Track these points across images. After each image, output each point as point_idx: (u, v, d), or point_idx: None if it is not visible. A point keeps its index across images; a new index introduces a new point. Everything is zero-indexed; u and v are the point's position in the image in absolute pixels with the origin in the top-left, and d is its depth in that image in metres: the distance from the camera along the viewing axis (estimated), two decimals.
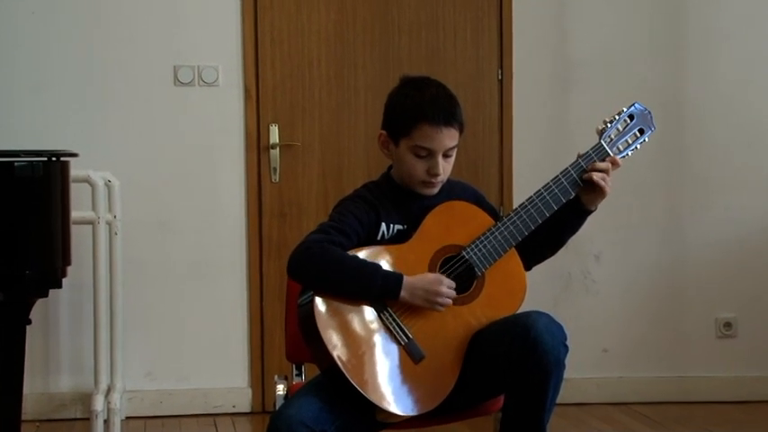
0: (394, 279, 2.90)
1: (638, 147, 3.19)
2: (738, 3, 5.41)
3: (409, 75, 3.16)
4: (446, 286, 2.94)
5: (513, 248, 3.05)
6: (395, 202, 3.08)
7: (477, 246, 3.01)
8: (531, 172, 5.12)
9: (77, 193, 4.48)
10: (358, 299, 2.90)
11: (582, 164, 3.09)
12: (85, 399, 4.97)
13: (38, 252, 3.82)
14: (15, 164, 3.79)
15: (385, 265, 2.94)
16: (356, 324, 2.89)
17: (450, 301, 2.94)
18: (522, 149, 5.33)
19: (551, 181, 3.08)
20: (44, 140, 4.63)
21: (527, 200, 3.07)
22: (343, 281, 2.88)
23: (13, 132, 4.93)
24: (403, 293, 2.90)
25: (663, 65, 5.38)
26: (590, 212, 3.13)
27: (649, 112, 3.21)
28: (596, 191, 3.08)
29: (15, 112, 5.04)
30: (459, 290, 2.98)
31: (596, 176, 3.06)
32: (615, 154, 3.12)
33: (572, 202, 3.10)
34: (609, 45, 5.36)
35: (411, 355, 2.90)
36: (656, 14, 5.39)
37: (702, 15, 5.39)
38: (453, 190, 3.15)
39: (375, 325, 2.90)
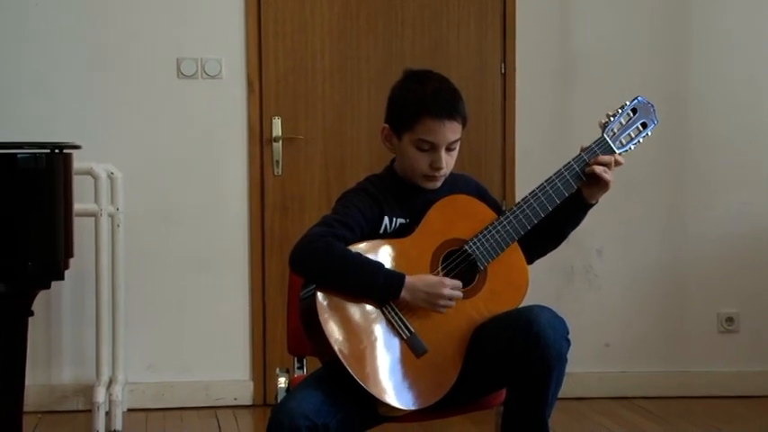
0: (396, 279, 2.90)
1: (641, 141, 3.18)
2: None
3: (412, 68, 3.15)
4: (449, 287, 2.93)
5: (516, 242, 3.05)
6: (398, 196, 3.07)
7: (479, 240, 3.01)
8: (534, 165, 5.12)
9: (80, 186, 4.49)
10: (359, 296, 2.90)
11: (585, 157, 3.08)
12: (87, 391, 4.98)
13: (40, 244, 3.82)
14: (18, 155, 3.78)
15: (387, 259, 2.94)
16: (358, 318, 2.89)
17: (453, 303, 2.94)
18: (524, 143, 5.33)
19: (554, 175, 3.07)
20: (47, 132, 4.63)
21: (530, 194, 3.06)
22: (345, 278, 2.88)
23: (17, 124, 4.93)
24: (404, 294, 2.89)
25: (666, 59, 5.38)
26: (591, 206, 3.13)
27: (652, 106, 3.20)
28: (598, 184, 3.08)
29: (19, 104, 5.04)
30: (461, 284, 2.97)
31: (598, 169, 3.05)
32: (618, 148, 3.11)
33: (573, 196, 3.09)
34: (612, 39, 5.36)
35: (413, 349, 2.90)
36: (659, 9, 5.38)
37: (706, 11, 5.38)
38: (456, 183, 3.14)
39: (377, 319, 2.90)
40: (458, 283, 2.96)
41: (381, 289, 2.89)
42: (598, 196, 3.11)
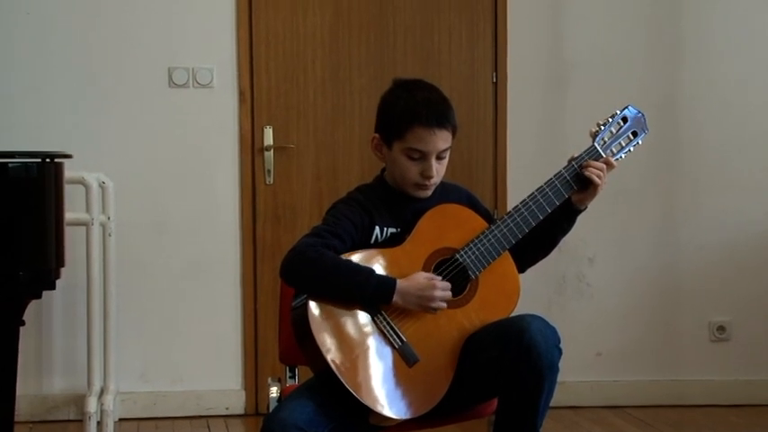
0: (387, 284, 2.90)
1: (632, 149, 3.19)
2: (734, 6, 5.41)
3: (401, 77, 3.16)
4: (440, 289, 2.93)
5: (507, 251, 3.05)
6: (388, 205, 3.08)
7: (470, 249, 3.01)
8: (525, 174, 5.11)
9: (71, 195, 4.48)
10: (351, 302, 2.90)
11: (575, 166, 3.09)
12: (79, 400, 4.97)
13: (31, 253, 3.81)
14: (9, 165, 3.78)
15: (378, 268, 2.94)
16: (350, 327, 2.89)
17: (444, 305, 2.94)
18: (516, 152, 5.33)
19: (545, 184, 3.08)
20: (38, 141, 4.63)
21: (521, 203, 3.07)
22: (337, 285, 2.88)
23: (8, 133, 4.92)
24: (396, 298, 2.90)
25: (657, 67, 5.39)
26: (580, 212, 3.13)
27: (643, 115, 3.21)
28: (588, 190, 3.08)
29: (10, 112, 5.03)
30: (453, 293, 2.97)
31: (593, 173, 3.05)
32: (609, 157, 3.12)
33: (562, 202, 3.09)
34: (603, 48, 5.37)
35: (405, 359, 2.90)
36: (650, 17, 5.39)
37: (697, 18, 5.39)
38: (447, 192, 3.14)
39: (369, 328, 2.90)
40: (447, 284, 2.96)
41: (373, 294, 2.88)
42: (587, 202, 3.12)
